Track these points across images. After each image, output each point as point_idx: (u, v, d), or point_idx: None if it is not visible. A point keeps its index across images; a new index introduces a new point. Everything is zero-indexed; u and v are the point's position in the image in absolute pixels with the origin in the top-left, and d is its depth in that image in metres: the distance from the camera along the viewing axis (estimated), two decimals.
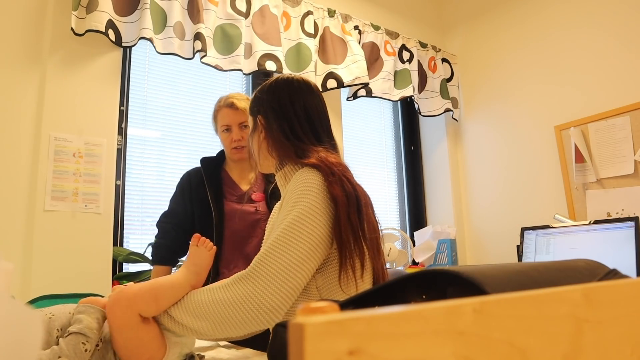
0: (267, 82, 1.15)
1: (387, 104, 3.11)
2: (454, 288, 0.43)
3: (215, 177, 1.69)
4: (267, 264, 0.88)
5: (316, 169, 0.97)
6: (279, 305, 0.86)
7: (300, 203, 0.93)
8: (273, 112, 1.09)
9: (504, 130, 2.84)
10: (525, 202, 2.68)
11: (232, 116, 1.65)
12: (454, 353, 0.29)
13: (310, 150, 1.04)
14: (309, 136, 1.07)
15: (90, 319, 0.84)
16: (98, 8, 1.81)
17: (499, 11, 2.94)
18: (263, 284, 0.86)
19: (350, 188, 0.96)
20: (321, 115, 1.12)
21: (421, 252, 2.77)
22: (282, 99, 1.10)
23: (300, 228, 0.90)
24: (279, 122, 1.08)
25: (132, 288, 0.88)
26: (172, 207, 1.71)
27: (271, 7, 2.31)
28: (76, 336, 0.81)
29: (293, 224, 0.91)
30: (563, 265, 0.50)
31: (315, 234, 0.91)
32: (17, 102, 1.75)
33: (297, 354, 0.23)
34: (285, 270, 0.87)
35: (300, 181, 0.96)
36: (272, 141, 1.09)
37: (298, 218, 0.91)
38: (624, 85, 2.34)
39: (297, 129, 1.07)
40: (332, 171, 0.96)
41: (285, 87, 1.12)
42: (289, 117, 1.08)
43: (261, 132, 1.11)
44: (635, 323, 0.42)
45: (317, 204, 0.92)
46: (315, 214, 0.92)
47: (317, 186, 0.94)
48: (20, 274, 1.65)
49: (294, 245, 0.89)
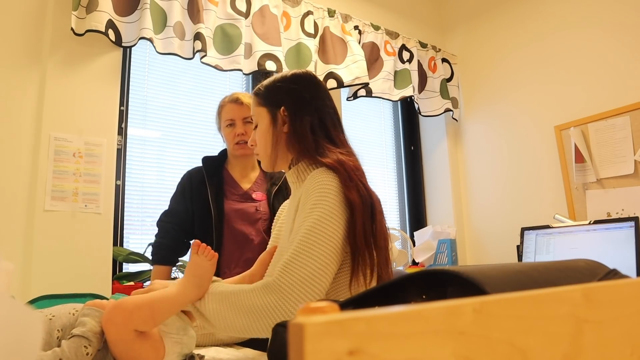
0: (285, 74, 1.10)
1: (387, 104, 3.11)
2: (454, 288, 0.43)
3: (217, 176, 1.69)
4: (292, 272, 0.87)
5: (333, 171, 0.95)
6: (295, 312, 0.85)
7: (318, 206, 0.91)
8: (300, 104, 1.05)
9: (504, 130, 2.84)
10: (525, 202, 2.68)
11: (236, 111, 1.66)
12: (454, 353, 0.29)
13: (330, 150, 1.01)
14: (330, 136, 1.05)
15: (94, 322, 0.83)
16: (98, 8, 1.81)
17: (499, 11, 2.94)
18: (290, 294, 0.85)
19: (366, 194, 0.94)
20: (338, 117, 1.10)
21: (421, 252, 2.77)
22: (309, 91, 1.07)
23: (321, 232, 0.89)
24: (305, 116, 1.03)
25: (129, 302, 0.86)
26: (172, 206, 1.71)
27: (271, 7, 2.31)
28: (79, 339, 0.80)
29: (314, 229, 0.89)
30: (563, 265, 0.50)
31: (334, 237, 0.89)
32: (17, 102, 1.75)
33: (297, 354, 0.23)
34: (311, 277, 0.86)
35: (317, 183, 0.94)
36: (295, 135, 1.03)
37: (318, 222, 0.90)
38: (624, 85, 2.34)
39: (321, 125, 1.04)
40: (349, 176, 0.94)
41: (310, 81, 1.09)
42: (315, 112, 1.04)
43: (284, 124, 1.05)
44: (635, 323, 0.42)
45: (335, 207, 0.91)
46: (333, 217, 0.90)
47: (334, 189, 0.93)
48: (20, 274, 1.65)
49: (317, 251, 0.88)
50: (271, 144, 1.06)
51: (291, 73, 1.10)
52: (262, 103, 1.09)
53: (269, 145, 1.07)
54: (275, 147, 1.06)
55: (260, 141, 1.09)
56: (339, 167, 0.95)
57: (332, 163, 0.96)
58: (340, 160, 0.97)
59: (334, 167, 0.95)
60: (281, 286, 0.86)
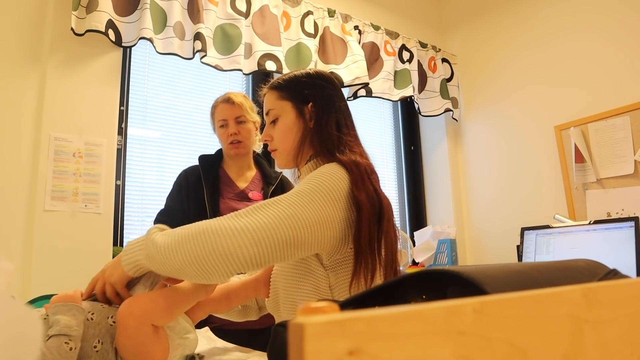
0: (307, 71, 1.10)
1: (387, 104, 3.11)
2: (454, 288, 0.43)
3: (213, 175, 1.69)
4: (271, 209, 0.82)
5: (345, 169, 0.93)
6: (260, 256, 0.79)
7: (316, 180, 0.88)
8: (327, 101, 1.05)
9: (504, 130, 2.84)
10: (525, 202, 2.68)
11: (228, 111, 1.66)
12: (454, 353, 0.29)
13: (351, 149, 1.00)
14: (351, 136, 1.05)
15: (67, 317, 0.81)
16: (98, 8, 1.81)
17: (499, 11, 2.94)
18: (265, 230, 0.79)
19: (375, 198, 0.91)
20: (352, 118, 1.11)
21: (421, 252, 2.77)
22: (333, 90, 1.08)
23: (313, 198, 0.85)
24: (331, 113, 1.04)
25: (144, 296, 0.86)
26: (169, 204, 1.71)
27: (271, 7, 2.31)
28: (57, 338, 0.78)
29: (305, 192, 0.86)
30: (563, 265, 0.50)
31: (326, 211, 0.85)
32: (17, 102, 1.75)
33: (297, 354, 0.23)
34: (285, 219, 0.81)
35: (324, 170, 0.92)
36: (322, 133, 1.02)
37: (313, 189, 0.86)
38: (623, 85, 2.34)
39: (344, 124, 1.05)
40: (362, 177, 0.92)
41: (331, 80, 1.10)
42: (339, 110, 1.06)
43: (310, 119, 1.04)
44: (635, 323, 0.42)
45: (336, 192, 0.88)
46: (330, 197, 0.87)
47: (343, 182, 0.90)
48: (20, 274, 1.65)
49: (306, 206, 0.83)
50: (299, 139, 1.04)
51: (314, 71, 1.10)
52: (285, 97, 1.06)
53: (296, 141, 1.04)
54: (302, 143, 1.04)
55: (283, 136, 1.05)
56: (353, 167, 0.93)
57: (347, 161, 0.94)
58: (357, 161, 0.95)
59: (347, 165, 0.93)
60: (249, 214, 0.81)
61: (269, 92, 1.10)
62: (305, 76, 1.08)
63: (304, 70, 1.11)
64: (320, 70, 1.12)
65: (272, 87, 1.10)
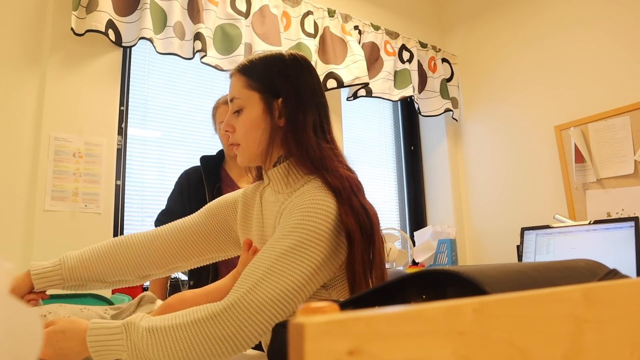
0: (282, 56, 0.95)
1: (387, 104, 3.11)
2: (454, 288, 0.43)
3: (214, 175, 1.69)
4: (262, 290, 0.76)
5: (333, 194, 0.84)
6: (259, 336, 0.76)
7: (304, 226, 0.81)
8: (302, 97, 0.91)
9: (504, 130, 2.84)
10: (525, 202, 2.68)
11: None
12: (454, 353, 0.29)
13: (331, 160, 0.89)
14: (327, 138, 0.93)
15: None
16: (98, 8, 1.81)
17: (499, 11, 2.94)
18: (257, 314, 0.74)
19: (366, 222, 0.84)
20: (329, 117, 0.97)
21: (421, 252, 2.77)
22: (310, 83, 0.94)
23: (301, 253, 0.79)
24: (307, 111, 0.91)
25: (186, 293, 0.88)
26: (170, 205, 1.71)
27: (271, 7, 2.31)
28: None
29: (293, 249, 0.79)
30: (563, 265, 0.50)
31: (315, 260, 0.80)
32: (17, 102, 1.75)
33: (297, 354, 0.23)
34: (283, 297, 0.76)
35: (310, 200, 0.83)
36: (295, 134, 0.90)
37: (299, 244, 0.79)
38: (623, 85, 2.34)
39: (321, 124, 0.92)
40: (350, 202, 0.83)
41: (308, 69, 0.95)
42: (316, 108, 0.92)
43: (279, 117, 0.92)
44: (635, 323, 0.42)
45: (323, 231, 0.81)
46: (319, 241, 0.80)
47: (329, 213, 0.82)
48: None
49: (294, 271, 0.78)
50: (267, 139, 0.92)
51: (290, 55, 0.95)
52: (253, 87, 0.93)
53: (263, 141, 0.92)
54: (271, 143, 0.92)
55: (247, 132, 0.93)
56: (340, 189, 0.83)
57: (333, 182, 0.84)
58: (342, 178, 0.85)
59: (334, 188, 0.84)
60: (247, 305, 0.75)
61: (236, 75, 0.97)
62: (279, 63, 0.93)
63: (278, 53, 0.96)
64: (297, 55, 0.96)
65: (240, 70, 0.97)
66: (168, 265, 1.07)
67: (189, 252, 1.07)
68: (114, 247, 1.04)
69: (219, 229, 1.08)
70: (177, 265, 1.09)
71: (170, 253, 1.06)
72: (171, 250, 1.06)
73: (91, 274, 1.02)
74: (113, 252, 1.04)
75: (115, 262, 1.03)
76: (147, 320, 0.74)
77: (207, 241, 1.08)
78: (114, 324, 0.75)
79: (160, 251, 1.05)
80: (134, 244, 1.05)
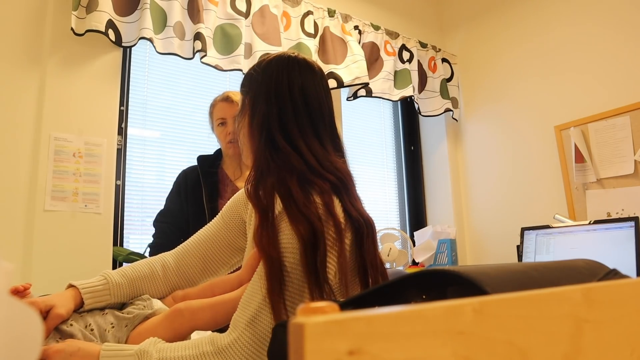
0: (265, 59, 0.97)
1: (387, 104, 3.11)
2: (454, 288, 0.43)
3: (212, 175, 1.69)
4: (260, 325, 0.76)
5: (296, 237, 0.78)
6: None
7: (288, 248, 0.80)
8: (265, 93, 0.90)
9: (504, 130, 2.84)
10: (525, 202, 2.68)
11: (227, 109, 1.66)
12: (454, 353, 0.29)
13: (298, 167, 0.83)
14: (303, 130, 0.87)
15: None
16: (98, 8, 1.81)
17: (499, 11, 2.94)
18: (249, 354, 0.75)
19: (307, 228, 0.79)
20: (322, 106, 0.91)
21: (421, 252, 2.77)
22: (278, 77, 0.91)
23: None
24: (268, 106, 0.89)
25: (193, 303, 0.90)
26: (168, 205, 1.71)
27: (271, 7, 2.31)
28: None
29: None
30: (563, 265, 0.50)
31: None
32: (17, 102, 1.75)
33: (297, 354, 0.23)
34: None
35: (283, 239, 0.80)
36: (250, 129, 0.91)
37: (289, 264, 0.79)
38: (624, 85, 2.34)
39: (288, 118, 0.87)
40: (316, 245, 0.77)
41: (284, 64, 0.92)
42: (283, 101, 0.88)
43: (245, 115, 0.95)
44: (635, 323, 0.42)
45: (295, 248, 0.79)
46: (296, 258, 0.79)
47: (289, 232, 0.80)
48: (20, 274, 1.65)
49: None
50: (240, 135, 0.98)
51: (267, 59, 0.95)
52: (240, 90, 1.00)
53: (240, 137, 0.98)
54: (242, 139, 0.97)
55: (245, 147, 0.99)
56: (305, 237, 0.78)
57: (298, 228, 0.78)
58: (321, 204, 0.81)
59: (298, 233, 0.78)
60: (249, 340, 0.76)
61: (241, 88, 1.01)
62: (254, 67, 0.95)
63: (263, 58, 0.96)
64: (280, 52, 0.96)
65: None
66: (201, 280, 1.10)
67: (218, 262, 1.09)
68: (152, 269, 1.06)
69: (238, 229, 1.08)
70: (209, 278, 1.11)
71: (199, 268, 1.08)
72: (201, 265, 1.08)
73: (134, 292, 1.03)
74: (152, 274, 1.05)
75: (153, 284, 1.06)
76: (158, 350, 0.76)
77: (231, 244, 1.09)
78: (127, 351, 0.76)
79: (191, 267, 1.07)
80: (168, 267, 1.07)
